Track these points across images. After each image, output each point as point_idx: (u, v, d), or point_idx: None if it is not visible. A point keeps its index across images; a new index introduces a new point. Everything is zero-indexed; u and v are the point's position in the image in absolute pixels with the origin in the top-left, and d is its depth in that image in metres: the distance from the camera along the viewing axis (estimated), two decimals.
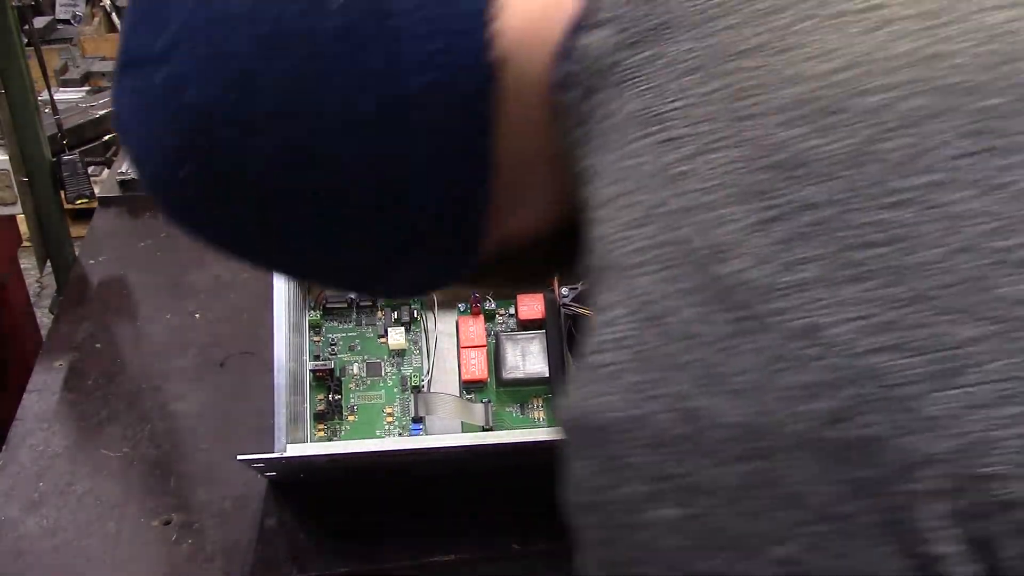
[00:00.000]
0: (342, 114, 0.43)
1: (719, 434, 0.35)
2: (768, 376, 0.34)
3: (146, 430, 0.98)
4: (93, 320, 1.14)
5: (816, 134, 0.36)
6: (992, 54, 0.37)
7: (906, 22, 0.38)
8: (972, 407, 0.33)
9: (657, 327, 0.36)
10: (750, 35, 0.39)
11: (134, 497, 0.91)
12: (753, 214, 0.35)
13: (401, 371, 0.95)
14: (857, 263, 0.34)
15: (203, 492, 0.92)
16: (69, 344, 1.10)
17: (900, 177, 0.35)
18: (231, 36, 0.42)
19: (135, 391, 1.03)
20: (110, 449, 0.96)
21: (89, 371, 1.06)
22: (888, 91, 0.36)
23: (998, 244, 0.34)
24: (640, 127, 0.40)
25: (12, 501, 0.91)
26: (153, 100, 0.44)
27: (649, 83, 0.40)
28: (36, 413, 1.01)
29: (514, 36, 0.43)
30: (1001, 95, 0.36)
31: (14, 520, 0.89)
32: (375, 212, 0.45)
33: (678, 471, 0.36)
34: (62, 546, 0.86)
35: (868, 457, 0.33)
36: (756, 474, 0.35)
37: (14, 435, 0.98)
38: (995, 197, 0.34)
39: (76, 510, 0.90)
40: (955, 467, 0.33)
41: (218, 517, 0.89)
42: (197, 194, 0.45)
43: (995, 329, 0.33)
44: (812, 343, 0.34)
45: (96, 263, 1.24)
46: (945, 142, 0.35)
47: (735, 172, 0.36)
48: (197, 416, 1.00)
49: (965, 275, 0.34)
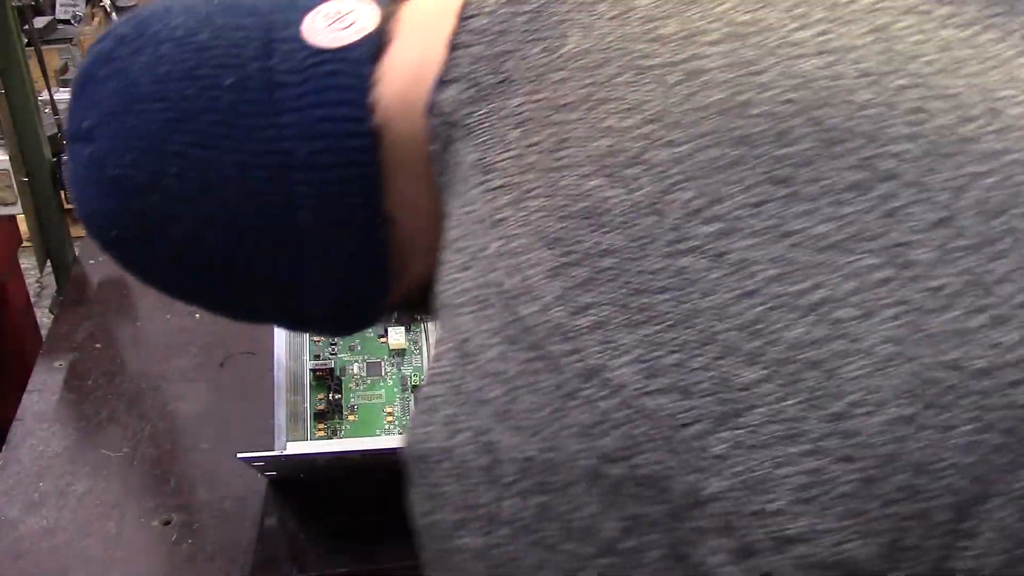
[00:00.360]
0: (237, 181, 0.47)
1: (514, 468, 0.37)
2: (557, 414, 0.36)
3: (146, 430, 0.98)
4: (93, 320, 1.14)
5: (617, 184, 0.37)
6: (797, 101, 0.38)
7: (720, 72, 0.39)
8: (754, 446, 0.34)
9: (470, 363, 0.38)
10: (574, 88, 0.41)
11: (134, 497, 0.91)
12: (554, 259, 0.37)
13: (401, 371, 0.95)
14: (645, 307, 0.36)
15: (203, 492, 0.92)
16: (69, 344, 1.10)
17: (691, 225, 0.36)
18: (140, 118, 0.48)
19: (135, 391, 1.03)
20: (110, 449, 0.96)
21: (89, 371, 1.06)
22: (688, 142, 0.37)
23: (781, 289, 0.35)
24: (477, 175, 0.42)
25: (12, 501, 0.91)
26: (84, 172, 0.50)
27: (487, 135, 0.43)
28: (36, 413, 1.01)
29: (392, 101, 0.47)
30: (800, 143, 0.37)
31: (14, 520, 0.89)
32: (277, 267, 0.50)
33: (480, 502, 0.38)
34: (62, 546, 0.86)
35: (653, 494, 0.35)
36: (549, 507, 0.36)
37: (14, 435, 0.98)
38: (783, 244, 0.36)
39: (76, 510, 0.90)
40: (737, 504, 0.34)
41: (218, 517, 0.89)
42: (124, 253, 0.53)
43: (777, 371, 0.35)
44: (598, 383, 0.35)
45: (96, 263, 1.24)
46: (739, 191, 0.36)
47: (544, 219, 0.38)
48: (197, 416, 1.00)
49: (748, 320, 0.35)
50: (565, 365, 0.36)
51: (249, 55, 0.47)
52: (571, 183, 0.38)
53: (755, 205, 0.36)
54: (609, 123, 0.39)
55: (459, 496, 0.39)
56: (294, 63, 0.47)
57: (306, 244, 0.49)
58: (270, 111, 0.47)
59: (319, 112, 0.47)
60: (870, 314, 0.35)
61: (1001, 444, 0.35)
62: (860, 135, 0.37)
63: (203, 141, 0.47)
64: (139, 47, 0.49)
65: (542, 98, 0.42)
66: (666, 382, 0.35)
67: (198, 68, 0.47)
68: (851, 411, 0.34)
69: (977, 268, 0.35)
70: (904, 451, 0.34)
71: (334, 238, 0.49)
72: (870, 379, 0.34)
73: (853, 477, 0.34)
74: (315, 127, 0.47)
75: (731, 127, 0.37)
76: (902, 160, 0.37)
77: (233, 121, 0.47)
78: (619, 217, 0.37)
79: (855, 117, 0.37)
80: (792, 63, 0.38)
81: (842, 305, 0.35)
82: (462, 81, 0.45)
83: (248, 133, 0.47)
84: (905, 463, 0.34)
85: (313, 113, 0.47)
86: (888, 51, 0.39)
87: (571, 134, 0.40)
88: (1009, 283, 0.35)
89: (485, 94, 0.44)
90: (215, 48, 0.48)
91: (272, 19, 0.48)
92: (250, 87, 0.47)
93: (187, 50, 0.48)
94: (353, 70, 0.47)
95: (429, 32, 0.47)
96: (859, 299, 0.35)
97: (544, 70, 0.42)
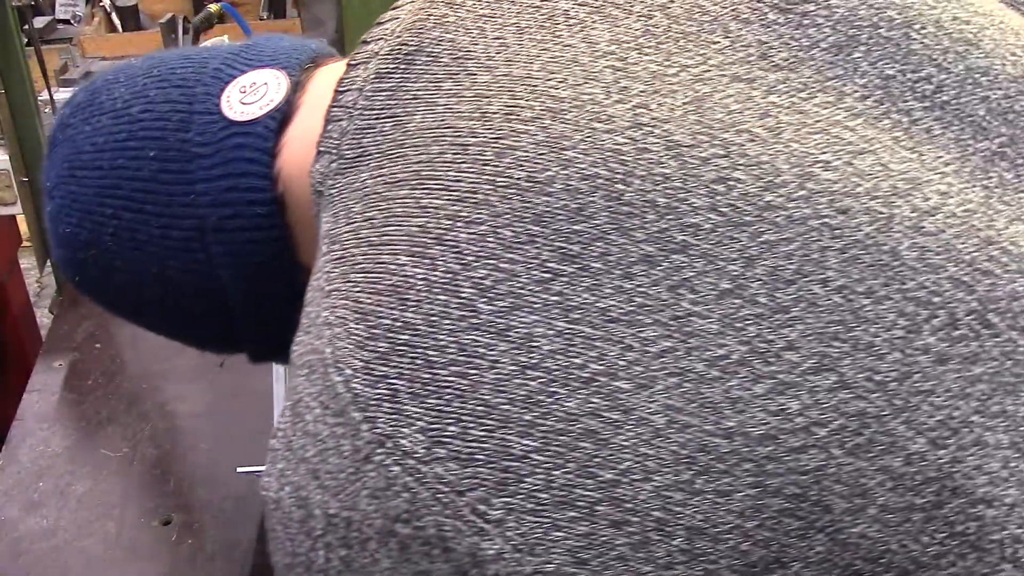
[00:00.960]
0: (161, 242, 0.53)
1: (322, 523, 0.40)
2: (353, 476, 0.39)
3: (146, 430, 0.98)
4: (93, 320, 1.14)
5: (422, 263, 0.40)
6: (598, 176, 0.39)
7: (529, 150, 0.40)
8: (529, 511, 0.36)
9: (298, 422, 0.41)
10: (407, 165, 0.43)
11: (134, 497, 0.91)
12: (362, 332, 0.40)
13: None
14: (432, 381, 0.38)
15: (203, 492, 0.92)
16: (69, 344, 1.10)
17: (481, 302, 0.38)
18: (80, 184, 0.55)
19: (135, 391, 1.03)
20: (110, 449, 0.96)
21: (89, 371, 1.06)
22: (488, 221, 0.39)
23: (561, 362, 0.37)
24: (326, 245, 0.45)
25: (12, 501, 0.91)
26: (50, 226, 0.58)
27: (339, 207, 0.46)
28: (36, 413, 1.01)
29: (292, 170, 0.51)
30: (595, 218, 0.38)
31: (14, 520, 0.89)
32: (210, 313, 0.55)
33: (300, 550, 0.41)
34: (62, 546, 0.86)
35: (438, 553, 0.37)
36: (350, 559, 0.39)
37: (14, 435, 0.98)
38: (567, 319, 0.37)
39: (76, 510, 0.90)
40: (516, 565, 0.36)
41: (218, 517, 0.89)
42: (83, 290, 0.60)
43: (551, 441, 0.36)
44: (388, 450, 0.38)
45: None
46: (528, 268, 0.38)
47: (360, 293, 0.41)
48: (197, 416, 1.00)
49: (527, 392, 0.37)
50: (362, 432, 0.39)
51: (172, 127, 0.53)
52: (386, 260, 0.41)
53: (543, 281, 0.38)
54: (425, 202, 0.41)
55: (286, 542, 0.42)
56: (208, 135, 0.52)
57: (231, 294, 0.54)
58: (187, 180, 0.52)
59: (226, 182, 0.51)
60: (647, 385, 0.36)
61: (788, 508, 0.36)
62: (657, 208, 0.38)
63: (131, 206, 0.54)
64: (87, 116, 0.56)
65: (383, 174, 0.44)
66: (448, 451, 0.37)
67: (128, 140, 0.54)
68: (622, 478, 0.36)
69: (762, 337, 0.36)
70: (678, 515, 0.36)
71: (255, 291, 0.54)
72: (643, 447, 0.36)
73: (627, 540, 0.36)
74: (223, 196, 0.52)
75: (530, 204, 0.39)
76: (697, 231, 0.37)
77: (156, 188, 0.53)
78: (419, 294, 0.39)
79: (654, 190, 0.38)
80: (601, 138, 0.39)
81: (619, 377, 0.36)
82: (330, 153, 0.48)
83: (169, 199, 0.53)
84: (681, 527, 0.36)
85: (221, 183, 0.52)
86: (700, 122, 0.40)
87: (396, 211, 0.42)
88: (795, 351, 0.36)
89: (345, 166, 0.47)
90: (144, 120, 0.54)
91: (195, 92, 0.53)
92: (171, 158, 0.52)
93: (121, 122, 0.54)
94: (257, 143, 0.51)
95: (322, 104, 0.50)
96: (638, 370, 0.36)
97: (390, 146, 0.45)
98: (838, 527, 0.36)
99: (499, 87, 0.43)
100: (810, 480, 0.36)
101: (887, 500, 0.36)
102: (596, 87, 0.41)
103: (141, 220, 0.53)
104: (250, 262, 0.53)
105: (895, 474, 0.36)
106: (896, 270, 0.37)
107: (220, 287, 0.54)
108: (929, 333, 0.37)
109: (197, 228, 0.52)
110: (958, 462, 0.36)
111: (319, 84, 0.53)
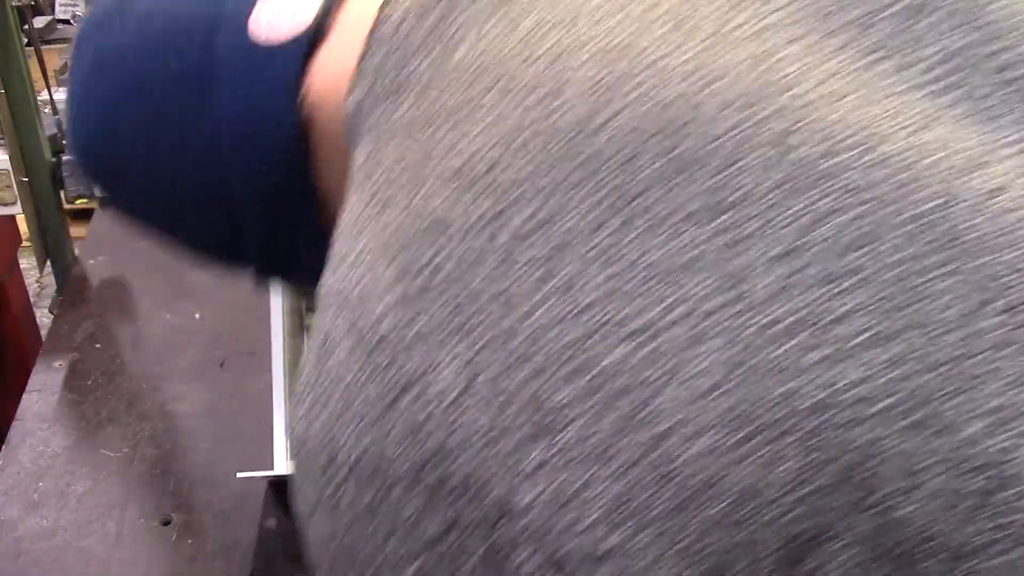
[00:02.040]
0: (180, 151, 0.53)
1: (346, 466, 0.38)
2: (380, 420, 0.37)
3: (146, 430, 0.98)
4: (93, 320, 1.14)
5: (459, 203, 0.38)
6: (650, 128, 0.37)
7: (579, 96, 0.39)
8: (566, 464, 0.35)
9: (325, 362, 0.40)
10: (446, 103, 0.41)
11: (134, 497, 0.91)
12: (393, 272, 0.38)
13: None
14: (466, 325, 0.36)
15: (203, 492, 0.92)
16: (69, 344, 1.10)
17: (522, 247, 0.37)
18: (101, 82, 0.55)
19: (135, 391, 1.03)
20: (110, 449, 0.96)
21: (89, 371, 1.06)
22: (533, 164, 0.38)
23: (604, 314, 0.35)
24: (359, 180, 0.44)
25: (12, 501, 0.91)
26: (71, 122, 0.59)
27: (373, 143, 0.44)
28: (36, 413, 1.01)
29: (318, 96, 0.50)
30: (646, 169, 0.37)
31: (14, 520, 0.89)
32: (219, 216, 0.55)
33: (325, 493, 0.39)
34: (62, 546, 0.86)
35: (467, 501, 0.36)
36: (376, 506, 0.38)
37: (14, 435, 0.98)
38: (613, 269, 0.36)
39: (76, 510, 0.90)
40: (548, 518, 0.35)
41: (218, 517, 0.89)
42: (96, 178, 0.60)
43: (591, 394, 0.35)
44: (416, 394, 0.37)
45: (96, 263, 1.24)
46: (575, 214, 0.37)
47: (394, 233, 0.39)
48: (197, 416, 1.00)
49: (567, 342, 0.35)
50: (390, 375, 0.37)
51: (198, 40, 0.52)
52: (422, 199, 0.39)
53: (591, 230, 0.36)
54: (465, 141, 0.40)
55: (310, 485, 0.40)
56: (233, 54, 0.51)
57: (244, 210, 0.54)
58: (210, 100, 0.52)
59: (248, 102, 0.51)
60: (695, 343, 0.35)
61: (835, 484, 0.35)
62: (708, 166, 0.37)
63: (151, 112, 0.54)
64: (120, 20, 0.55)
65: (421, 111, 0.43)
66: (479, 398, 0.36)
67: (154, 47, 0.53)
68: (666, 437, 0.34)
69: (816, 306, 0.35)
70: (722, 480, 0.34)
71: (268, 211, 0.53)
72: (689, 407, 0.34)
73: (667, 501, 0.34)
74: (245, 115, 0.51)
75: (579, 150, 0.37)
76: (751, 193, 0.36)
77: (179, 99, 0.53)
78: (455, 236, 0.38)
79: (709, 146, 0.37)
80: (655, 89, 0.38)
81: (666, 333, 0.35)
82: (363, 86, 0.46)
83: (190, 113, 0.52)
84: (723, 492, 0.34)
85: (243, 103, 0.51)
86: (760, 80, 0.38)
87: (434, 149, 0.40)
88: (850, 323, 0.35)
89: (380, 101, 0.45)
90: (170, 31, 0.53)
91: (226, 3, 0.53)
92: (193, 74, 0.52)
93: (147, 31, 0.54)
94: (283, 66, 0.50)
95: (359, 28, 0.48)
96: (684, 329, 0.35)
97: (429, 82, 0.43)
98: (886, 506, 0.35)
99: (549, 28, 0.41)
100: (859, 457, 0.35)
101: (937, 483, 0.35)
102: (651, 38, 0.40)
103: (161, 127, 0.54)
104: (266, 182, 0.52)
105: (947, 458, 0.35)
106: (956, 249, 0.36)
107: (234, 201, 0.54)
108: (989, 316, 0.35)
109: (214, 146, 0.52)
110: (1013, 450, 0.35)
111: (357, 6, 0.51)
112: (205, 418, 1.00)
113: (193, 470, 0.94)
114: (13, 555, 0.86)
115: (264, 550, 0.86)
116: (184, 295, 1.17)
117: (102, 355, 1.08)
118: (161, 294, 1.17)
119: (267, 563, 0.85)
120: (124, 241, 1.27)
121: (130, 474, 0.94)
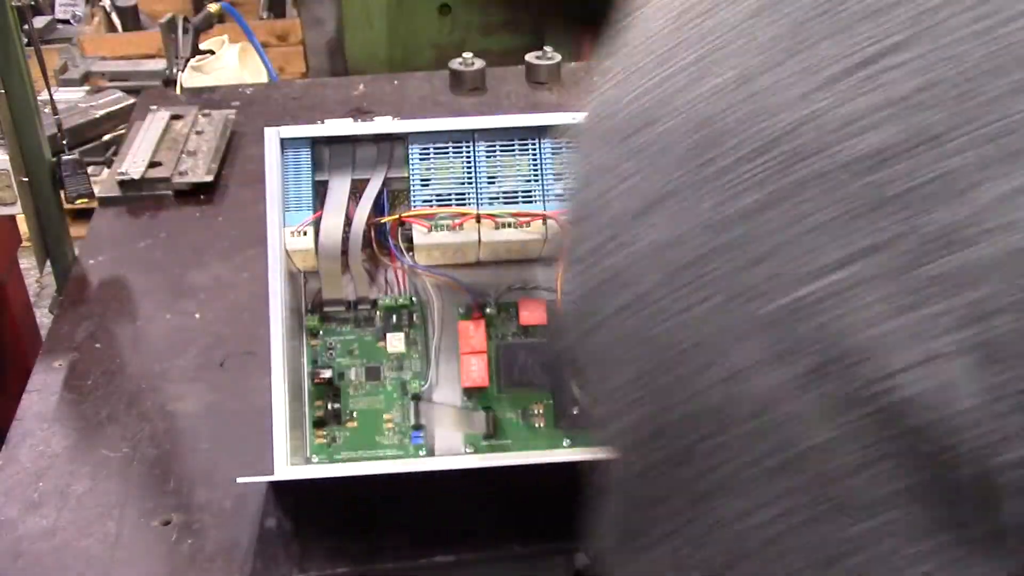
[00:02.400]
0: None
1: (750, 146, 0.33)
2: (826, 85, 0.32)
3: (146, 430, 0.98)
4: (93, 320, 1.14)
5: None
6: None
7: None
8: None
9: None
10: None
11: (134, 497, 0.91)
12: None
13: (401, 376, 0.94)
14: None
15: (203, 492, 0.92)
16: (69, 344, 1.10)
17: None
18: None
19: (135, 391, 1.03)
20: (110, 449, 0.96)
21: (89, 371, 1.06)
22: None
23: None
24: None
25: (12, 501, 0.91)
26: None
27: None
28: (36, 413, 1.01)
29: None
30: None
31: (14, 520, 0.89)
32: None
33: (686, 180, 0.34)
34: (61, 546, 0.86)
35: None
36: (804, 183, 0.31)
37: (14, 435, 0.98)
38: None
39: (76, 510, 0.90)
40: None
41: (218, 517, 0.89)
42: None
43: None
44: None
45: (96, 263, 1.24)
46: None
47: None
48: (197, 416, 1.00)
49: None
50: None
51: None
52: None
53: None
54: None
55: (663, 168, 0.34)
56: None
57: None
58: None
59: None
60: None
61: None
62: None
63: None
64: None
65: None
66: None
67: None
68: None
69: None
70: None
71: None
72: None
73: None
74: None
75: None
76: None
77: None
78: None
79: None
80: None
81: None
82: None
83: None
84: None
85: None
86: None
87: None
88: None
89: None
90: None
91: None
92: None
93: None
94: None
95: None
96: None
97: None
98: None
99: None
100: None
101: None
102: None
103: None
104: None
105: None
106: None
107: None
108: None
109: None
110: None
111: None
112: (205, 418, 1.00)
113: (193, 470, 0.94)
114: (13, 555, 0.86)
115: (264, 550, 0.86)
116: (184, 295, 1.17)
117: (102, 355, 1.08)
118: (161, 294, 1.17)
119: (267, 563, 0.85)
120: (124, 241, 1.27)
121: (130, 474, 0.94)
